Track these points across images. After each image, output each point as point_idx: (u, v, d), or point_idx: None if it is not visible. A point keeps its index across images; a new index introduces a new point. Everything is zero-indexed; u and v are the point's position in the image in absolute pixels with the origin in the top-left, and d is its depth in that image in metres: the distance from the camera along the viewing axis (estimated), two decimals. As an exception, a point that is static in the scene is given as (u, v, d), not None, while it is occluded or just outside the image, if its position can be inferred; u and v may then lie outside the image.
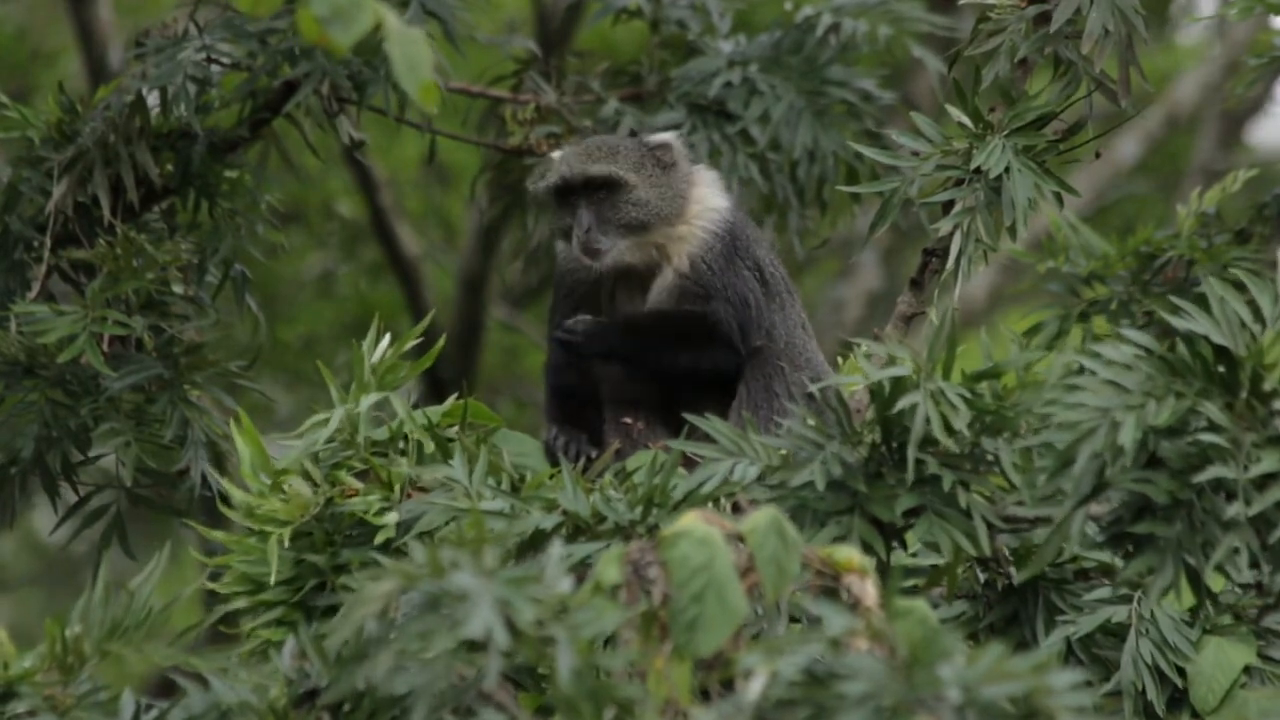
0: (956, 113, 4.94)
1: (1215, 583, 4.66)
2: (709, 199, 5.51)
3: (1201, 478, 3.95)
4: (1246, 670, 4.71)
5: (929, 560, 4.53)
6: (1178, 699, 4.70)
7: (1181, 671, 4.70)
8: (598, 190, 5.41)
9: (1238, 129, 12.57)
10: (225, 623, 4.52)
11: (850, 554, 3.85)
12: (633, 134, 6.12)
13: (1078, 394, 3.99)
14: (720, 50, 6.49)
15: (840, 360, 5.15)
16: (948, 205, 4.92)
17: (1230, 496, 3.96)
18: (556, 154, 5.56)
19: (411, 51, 3.66)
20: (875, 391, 4.21)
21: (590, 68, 6.56)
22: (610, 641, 3.79)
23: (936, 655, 3.55)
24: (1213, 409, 3.97)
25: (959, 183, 4.91)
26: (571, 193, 5.42)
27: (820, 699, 3.51)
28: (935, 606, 4.66)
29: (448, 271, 11.45)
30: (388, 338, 4.69)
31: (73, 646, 3.94)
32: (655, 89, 6.51)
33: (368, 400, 4.59)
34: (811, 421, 4.27)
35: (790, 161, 6.38)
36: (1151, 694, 4.66)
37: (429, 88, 3.67)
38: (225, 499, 4.58)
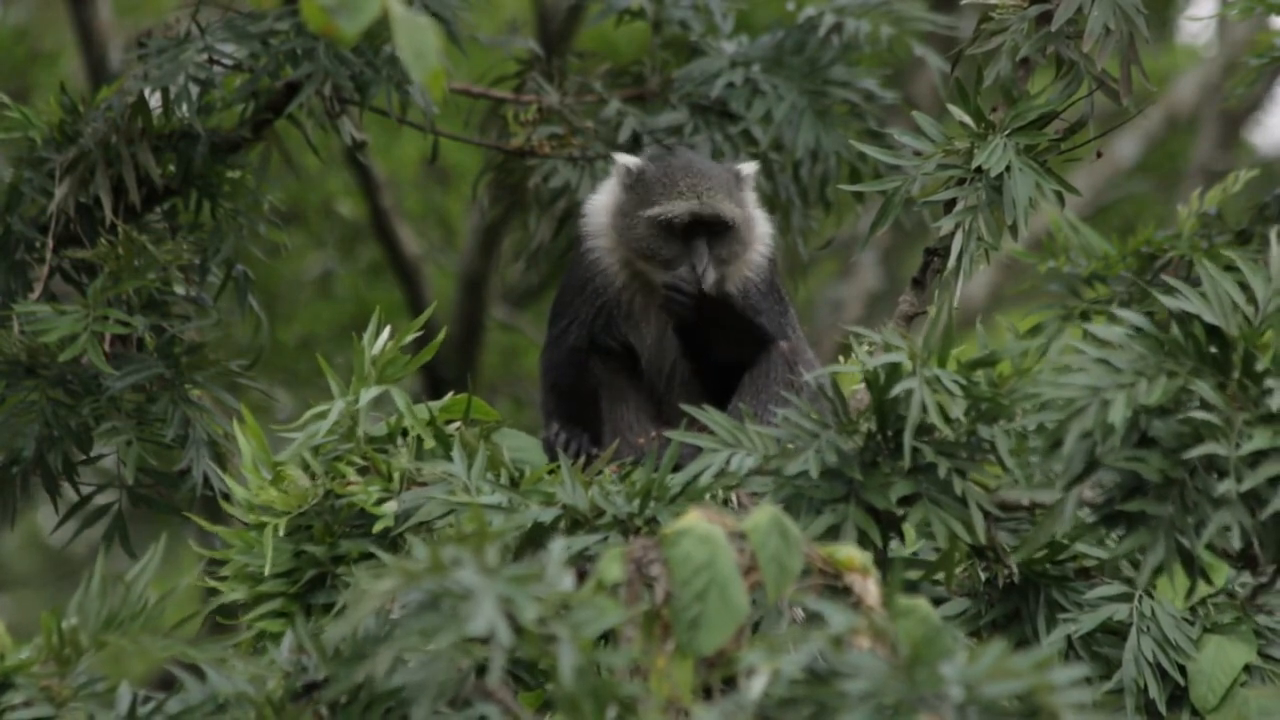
0: (958, 112, 4.95)
1: (1217, 576, 4.67)
2: (762, 223, 5.53)
3: (1193, 453, 3.94)
4: (1247, 669, 4.72)
5: (930, 549, 4.54)
6: (1178, 697, 4.71)
7: (1182, 669, 4.71)
8: (717, 227, 5.41)
9: (1238, 129, 12.57)
10: (224, 615, 4.52)
11: (852, 553, 3.86)
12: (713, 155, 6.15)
13: (1069, 374, 3.99)
14: (722, 50, 6.50)
15: (840, 359, 5.15)
16: (949, 204, 4.93)
17: (1222, 475, 3.95)
18: (630, 161, 5.51)
19: (418, 39, 3.64)
20: (871, 380, 4.22)
21: (592, 68, 6.56)
22: (609, 638, 3.79)
23: (938, 653, 3.56)
24: (1205, 388, 3.97)
25: (960, 182, 4.91)
26: (695, 226, 5.42)
27: (822, 697, 3.51)
28: (940, 602, 4.67)
29: (448, 272, 11.45)
30: (388, 330, 4.69)
31: (69, 638, 3.93)
32: (657, 89, 6.51)
33: (368, 394, 4.59)
34: (808, 411, 4.28)
35: (793, 162, 6.38)
36: (1153, 692, 4.67)
37: (436, 75, 3.66)
38: (227, 496, 4.58)
